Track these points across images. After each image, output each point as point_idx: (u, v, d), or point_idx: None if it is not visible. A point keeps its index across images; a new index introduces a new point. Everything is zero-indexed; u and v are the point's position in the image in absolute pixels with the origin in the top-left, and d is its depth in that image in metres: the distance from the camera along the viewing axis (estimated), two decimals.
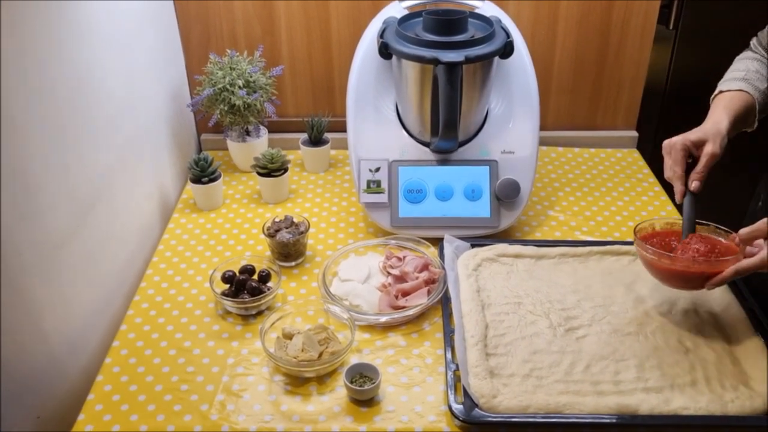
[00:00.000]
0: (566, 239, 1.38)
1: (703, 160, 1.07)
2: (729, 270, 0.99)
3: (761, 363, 1.03)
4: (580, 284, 1.20)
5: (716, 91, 1.16)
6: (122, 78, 1.27)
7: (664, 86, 1.82)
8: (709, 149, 1.06)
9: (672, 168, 1.08)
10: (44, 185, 1.00)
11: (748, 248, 1.02)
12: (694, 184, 1.07)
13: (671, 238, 1.10)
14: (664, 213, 1.45)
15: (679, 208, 1.19)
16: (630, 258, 1.26)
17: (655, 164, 1.67)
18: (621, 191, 1.53)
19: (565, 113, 1.70)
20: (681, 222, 1.09)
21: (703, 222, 1.10)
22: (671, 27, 1.75)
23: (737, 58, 1.21)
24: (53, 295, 1.03)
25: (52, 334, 1.04)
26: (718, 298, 1.16)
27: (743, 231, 1.01)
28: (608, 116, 1.71)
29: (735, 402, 0.98)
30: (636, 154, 1.69)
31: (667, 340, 1.09)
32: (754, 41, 1.20)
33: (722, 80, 1.18)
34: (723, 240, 1.08)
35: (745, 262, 0.98)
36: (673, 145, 1.08)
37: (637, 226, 1.12)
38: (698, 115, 1.14)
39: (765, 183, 1.27)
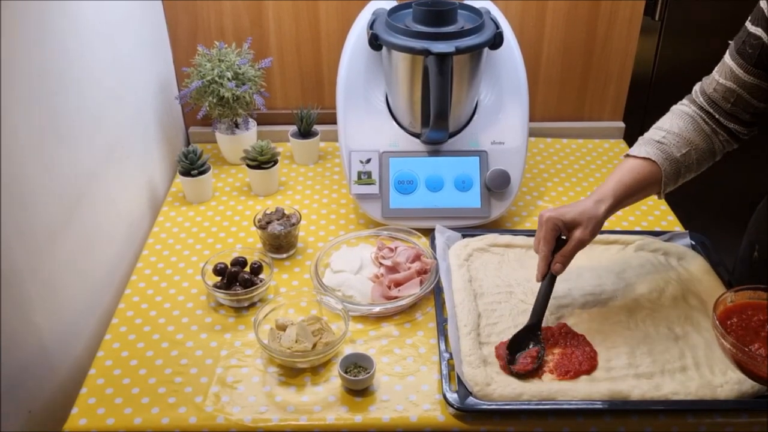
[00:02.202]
0: None
1: (570, 245, 1.04)
2: None
3: None
4: (570, 273, 1.20)
5: (627, 152, 1.10)
6: (109, 70, 1.25)
7: (650, 77, 1.84)
8: (578, 235, 1.03)
9: (540, 246, 1.06)
10: (31, 178, 0.99)
11: None
12: (556, 266, 1.05)
13: (758, 316, 0.96)
14: (651, 203, 1.47)
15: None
16: (619, 247, 1.28)
17: None
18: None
19: (552, 105, 1.71)
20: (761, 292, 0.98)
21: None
22: (657, 19, 1.76)
23: (672, 108, 1.12)
24: (43, 288, 1.03)
25: (43, 328, 1.03)
26: (707, 286, 1.18)
27: None
28: (595, 107, 1.72)
29: (724, 387, 0.99)
30: (623, 145, 1.71)
31: (657, 327, 1.10)
32: (697, 87, 1.11)
33: (644, 135, 1.11)
34: None
35: None
36: (545, 222, 1.04)
37: (718, 299, 0.96)
38: None
39: (755, 228, 1.25)
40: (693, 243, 1.29)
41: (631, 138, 1.74)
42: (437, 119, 1.26)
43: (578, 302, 1.15)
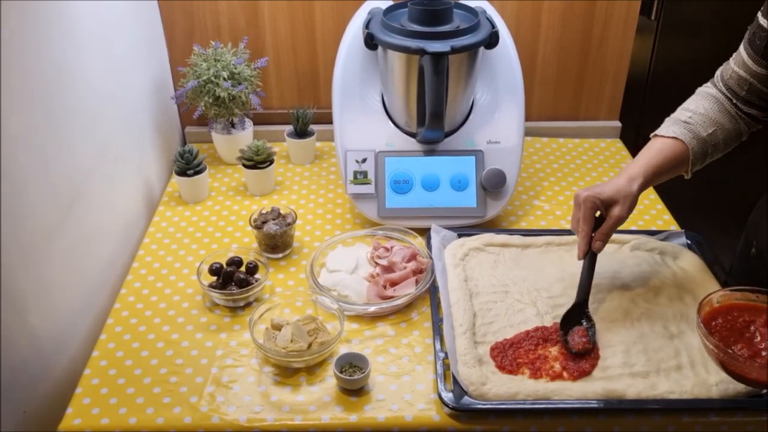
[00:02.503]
0: (552, 228, 1.39)
1: (609, 222, 1.06)
2: None
3: None
4: (566, 272, 1.21)
5: (655, 132, 1.12)
6: (105, 71, 1.25)
7: (646, 77, 1.84)
8: (616, 212, 1.05)
9: (580, 225, 1.07)
10: (28, 179, 0.99)
11: None
12: (597, 245, 1.07)
13: (743, 317, 0.97)
14: (647, 202, 1.47)
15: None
16: (615, 246, 1.28)
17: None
18: (605, 181, 1.54)
19: (548, 104, 1.71)
20: (754, 295, 0.99)
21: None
22: (653, 18, 1.76)
23: (698, 89, 1.14)
24: (39, 289, 1.02)
25: (38, 328, 1.03)
26: (703, 286, 1.18)
27: None
28: (592, 107, 1.72)
29: (719, 385, 0.99)
30: (619, 144, 1.71)
31: (652, 326, 1.10)
32: (718, 73, 1.13)
33: (671, 116, 1.12)
34: None
35: None
36: (584, 201, 1.06)
37: (702, 301, 0.98)
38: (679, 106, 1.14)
39: (754, 224, 1.25)
40: (689, 242, 1.29)
41: (627, 137, 1.74)
42: (433, 119, 1.26)
43: (574, 301, 1.15)
